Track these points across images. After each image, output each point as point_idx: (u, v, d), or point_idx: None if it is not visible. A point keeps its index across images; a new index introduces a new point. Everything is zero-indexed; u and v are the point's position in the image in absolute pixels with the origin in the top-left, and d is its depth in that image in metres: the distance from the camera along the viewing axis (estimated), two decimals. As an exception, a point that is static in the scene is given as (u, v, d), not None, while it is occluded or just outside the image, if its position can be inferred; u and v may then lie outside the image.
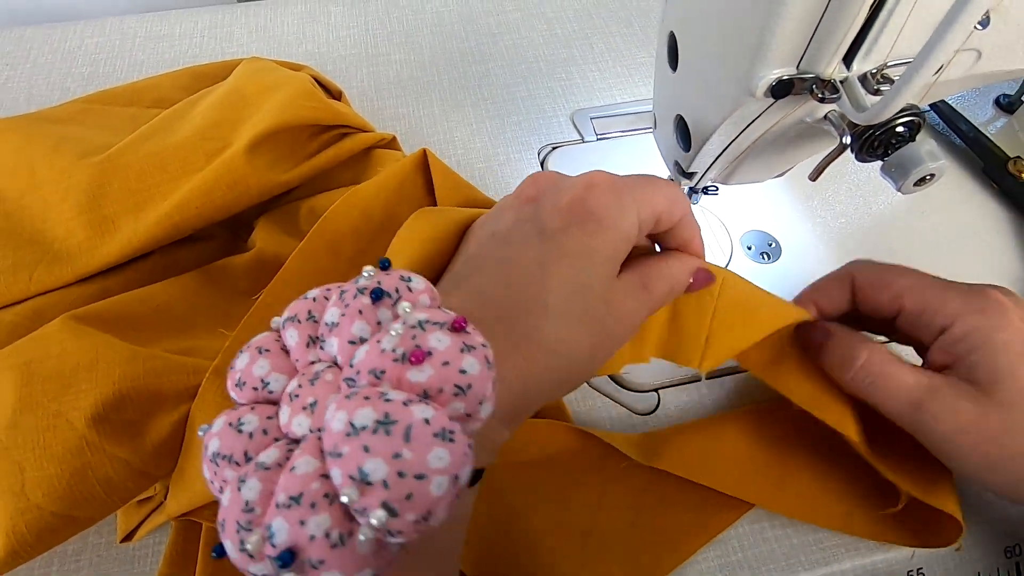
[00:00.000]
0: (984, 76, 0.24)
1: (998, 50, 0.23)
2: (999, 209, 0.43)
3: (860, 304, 0.28)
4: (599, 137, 0.46)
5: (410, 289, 0.18)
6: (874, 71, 0.22)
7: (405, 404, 0.15)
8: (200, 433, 0.18)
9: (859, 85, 0.22)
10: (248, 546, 0.15)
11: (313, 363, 0.18)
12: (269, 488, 0.15)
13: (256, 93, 0.37)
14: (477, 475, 0.20)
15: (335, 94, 0.44)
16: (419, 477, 0.15)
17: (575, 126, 0.47)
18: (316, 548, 0.14)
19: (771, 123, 0.25)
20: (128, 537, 0.29)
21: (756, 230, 0.41)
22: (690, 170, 0.31)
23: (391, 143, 0.42)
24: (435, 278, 0.25)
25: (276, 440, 0.17)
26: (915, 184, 0.24)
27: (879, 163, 0.25)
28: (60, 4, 0.58)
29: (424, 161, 0.35)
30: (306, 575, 0.14)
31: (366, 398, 0.15)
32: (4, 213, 0.32)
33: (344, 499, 0.14)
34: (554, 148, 0.46)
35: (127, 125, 0.38)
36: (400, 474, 0.14)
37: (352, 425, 0.15)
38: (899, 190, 0.24)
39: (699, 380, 0.35)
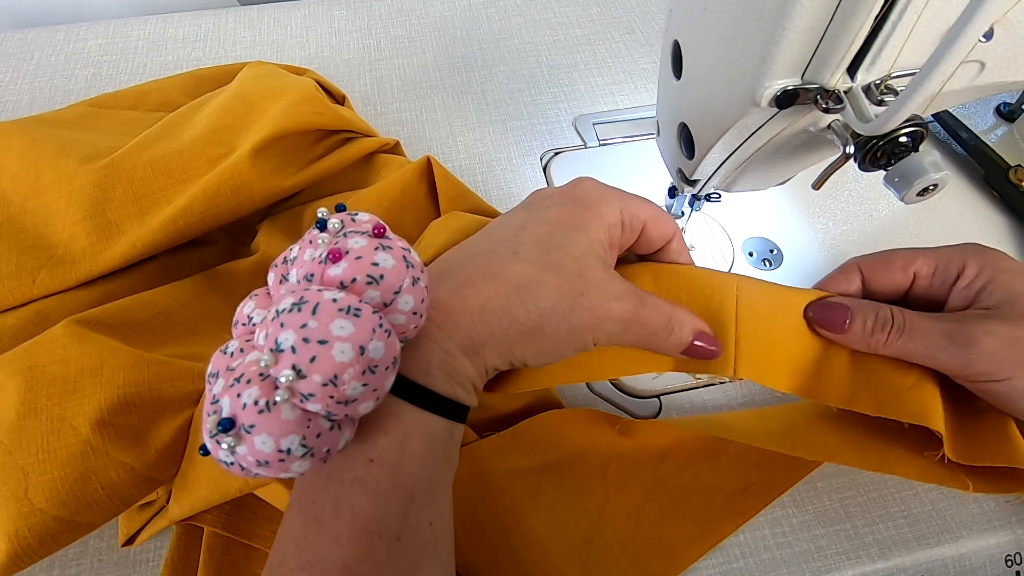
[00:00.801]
0: (987, 87, 0.24)
1: (1001, 62, 0.23)
2: (1000, 217, 0.43)
3: (872, 287, 0.28)
4: (602, 143, 0.46)
5: (353, 220, 0.21)
6: (878, 82, 0.22)
7: (319, 291, 0.18)
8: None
9: (863, 96, 0.22)
10: (208, 426, 0.18)
11: (283, 295, 0.21)
12: (228, 382, 0.18)
13: (260, 98, 0.37)
14: (457, 412, 0.22)
15: (338, 98, 0.45)
16: (322, 342, 0.17)
17: (578, 131, 0.47)
18: (247, 414, 0.17)
19: (775, 132, 0.26)
20: (130, 541, 0.29)
21: (758, 237, 0.42)
22: (693, 177, 0.31)
23: (394, 148, 0.42)
24: None
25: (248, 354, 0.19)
26: (918, 194, 0.24)
27: (881, 172, 0.25)
28: (63, 7, 0.59)
29: (427, 168, 0.35)
30: (243, 443, 0.17)
31: (291, 292, 0.19)
32: (8, 217, 0.32)
33: (262, 365, 0.17)
34: (557, 153, 0.46)
35: (131, 129, 0.38)
36: (305, 340, 0.17)
37: (276, 311, 0.18)
38: (902, 200, 0.24)
39: (700, 386, 0.36)
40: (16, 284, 0.31)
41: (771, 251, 0.41)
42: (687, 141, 0.30)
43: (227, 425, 0.17)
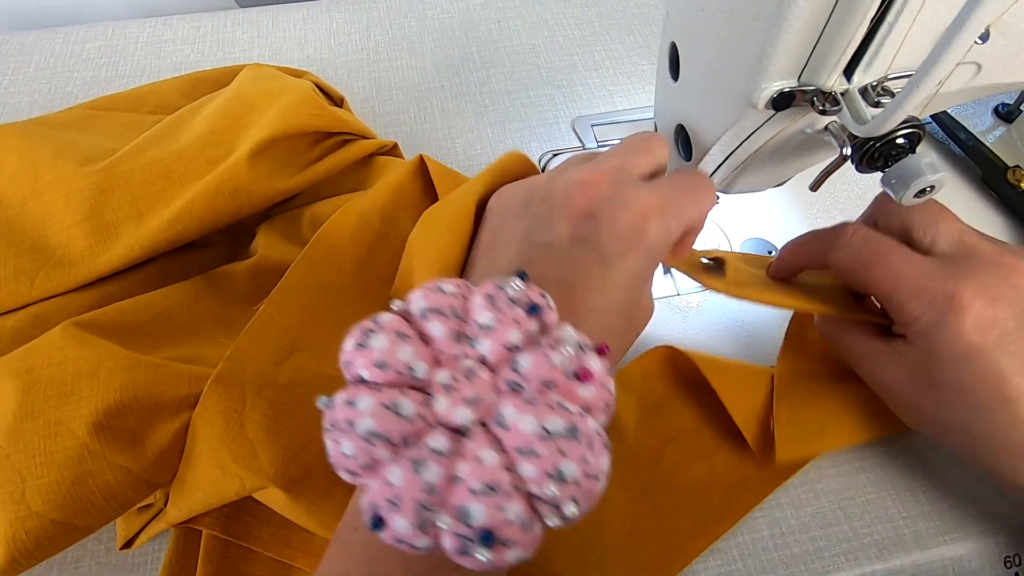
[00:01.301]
0: (983, 88, 0.24)
1: (997, 63, 0.23)
2: (998, 218, 0.43)
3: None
4: (600, 144, 0.46)
5: (550, 307, 0.20)
6: (875, 83, 0.22)
7: (582, 416, 0.18)
8: (321, 404, 0.19)
9: (860, 98, 0.22)
10: (440, 524, 0.17)
11: (458, 357, 0.20)
12: (448, 472, 0.17)
13: (258, 100, 0.37)
14: None
15: (337, 101, 0.45)
16: (595, 478, 0.18)
17: (576, 133, 0.47)
18: (511, 531, 0.17)
19: (772, 134, 0.26)
20: (128, 544, 0.29)
21: (756, 238, 0.42)
22: (691, 179, 0.31)
23: (393, 150, 0.42)
24: (461, 268, 0.28)
25: (430, 426, 0.18)
26: (915, 196, 0.24)
27: (879, 173, 0.25)
28: (62, 9, 0.59)
29: (421, 167, 0.35)
30: (495, 552, 0.17)
31: (550, 407, 0.18)
32: (6, 219, 0.32)
33: (547, 492, 0.17)
34: (555, 155, 0.46)
35: (129, 131, 0.38)
36: (586, 475, 0.17)
37: (545, 430, 0.17)
38: (899, 201, 0.24)
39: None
40: (14, 287, 0.31)
41: (769, 252, 0.41)
42: (685, 143, 0.30)
43: (487, 539, 0.17)
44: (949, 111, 0.47)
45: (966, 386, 0.25)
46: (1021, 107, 0.46)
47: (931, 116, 0.47)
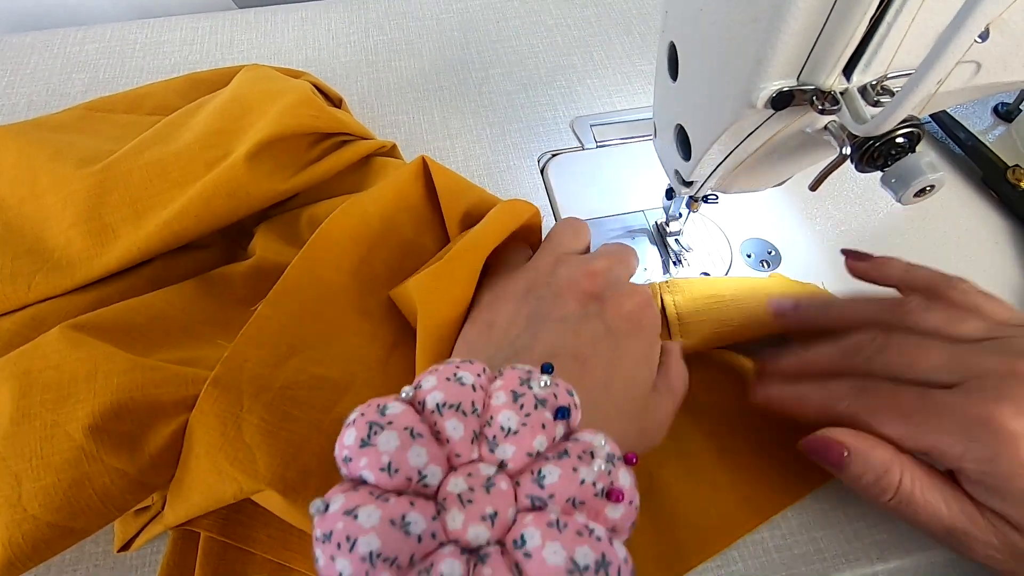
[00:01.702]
0: (983, 88, 0.24)
1: (997, 62, 0.23)
2: (998, 217, 0.43)
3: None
4: (599, 144, 0.46)
5: (576, 406, 0.19)
6: (874, 83, 0.22)
7: (611, 543, 0.16)
8: (313, 511, 0.17)
9: (859, 97, 0.22)
10: None
11: (475, 460, 0.18)
12: None
13: (256, 101, 0.37)
14: None
15: (335, 101, 0.45)
16: None
17: (575, 133, 0.47)
18: None
19: (771, 133, 0.26)
20: (126, 546, 0.29)
21: (756, 238, 0.41)
22: (690, 179, 0.31)
23: (391, 151, 0.42)
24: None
25: (442, 544, 0.16)
26: (915, 195, 0.24)
27: (879, 173, 0.25)
28: (60, 10, 0.59)
29: (423, 168, 0.35)
30: None
31: (579, 535, 0.16)
32: (3, 221, 0.32)
33: None
34: (554, 155, 0.46)
35: (127, 133, 0.38)
36: None
37: (575, 563, 0.15)
38: (899, 201, 0.24)
39: None
40: (11, 289, 0.30)
41: (769, 252, 0.41)
42: (684, 143, 0.30)
43: None
44: (948, 110, 0.47)
45: None
46: (1021, 106, 0.46)
47: (930, 115, 0.47)
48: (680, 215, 0.39)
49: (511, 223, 0.32)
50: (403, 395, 0.19)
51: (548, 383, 0.19)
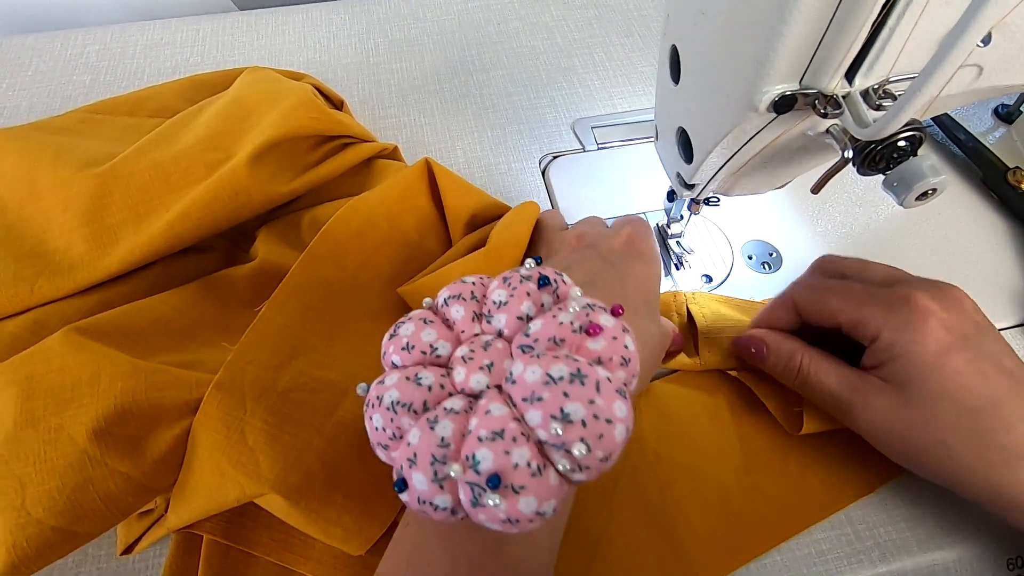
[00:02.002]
0: (984, 91, 0.24)
1: (999, 66, 0.23)
2: (998, 219, 0.43)
3: (805, 321, 0.31)
4: (600, 146, 0.46)
5: (564, 281, 0.21)
6: (876, 87, 0.22)
7: (590, 364, 0.18)
8: (360, 391, 0.20)
9: (861, 101, 0.22)
10: (450, 473, 0.17)
11: (478, 335, 0.21)
12: (461, 428, 0.18)
13: (258, 104, 0.37)
14: None
15: (336, 103, 0.45)
16: (608, 421, 0.17)
17: (576, 135, 0.47)
18: (519, 475, 0.17)
19: (773, 137, 0.26)
20: (128, 550, 0.29)
21: (757, 240, 0.42)
22: (692, 182, 0.31)
23: (393, 153, 0.42)
24: None
25: (451, 394, 0.19)
26: (917, 199, 0.24)
27: (880, 176, 0.25)
28: (61, 12, 0.59)
29: (426, 170, 0.35)
30: (506, 500, 0.17)
31: (556, 357, 0.18)
32: (5, 225, 0.32)
33: (551, 432, 0.17)
34: (555, 157, 0.46)
35: (128, 135, 0.38)
36: (595, 416, 0.17)
37: (550, 376, 0.18)
38: (901, 204, 0.24)
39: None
40: (14, 292, 0.30)
41: (770, 254, 0.41)
42: (685, 145, 0.30)
43: (495, 482, 0.17)
44: (949, 113, 0.47)
45: (942, 392, 0.26)
46: (1021, 108, 0.46)
47: (931, 118, 0.47)
48: (681, 217, 0.39)
49: (531, 222, 0.33)
50: (425, 304, 0.22)
51: (532, 264, 0.22)
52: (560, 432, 0.17)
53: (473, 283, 0.22)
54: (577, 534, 0.30)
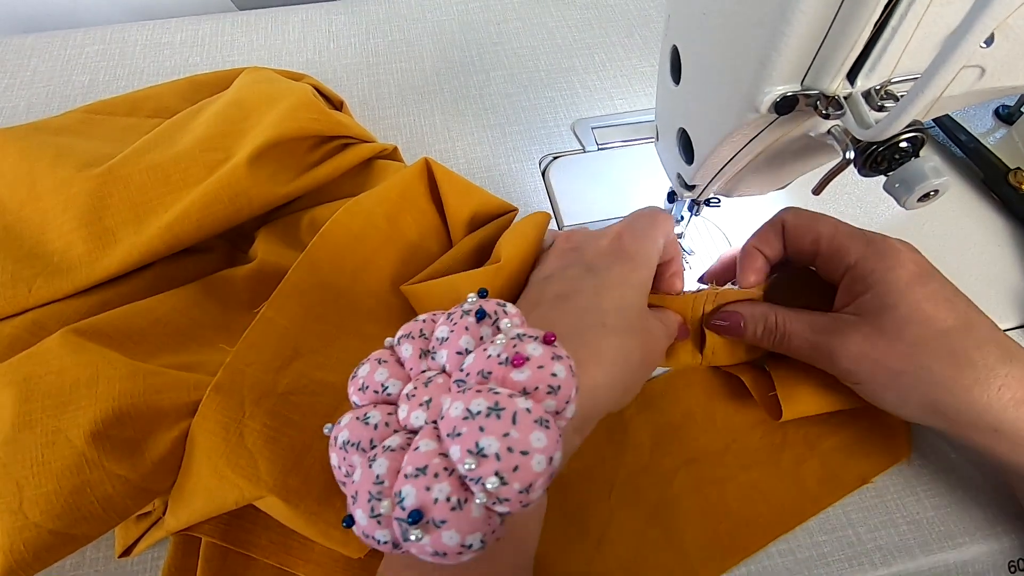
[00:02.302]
0: (987, 92, 0.24)
1: (1001, 67, 0.23)
2: (999, 220, 0.43)
3: (788, 248, 0.32)
4: (600, 147, 0.46)
5: (506, 312, 0.22)
6: (878, 87, 0.22)
7: (510, 396, 0.19)
8: (326, 431, 0.22)
9: (863, 102, 0.22)
10: (381, 510, 0.18)
11: (425, 371, 0.22)
12: (396, 465, 0.19)
13: (257, 104, 0.37)
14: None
15: (336, 104, 0.44)
16: (524, 453, 0.18)
17: (576, 136, 0.47)
18: (439, 510, 0.18)
19: (774, 138, 0.25)
20: (127, 552, 0.29)
21: (757, 241, 0.41)
22: (692, 183, 0.31)
23: (392, 154, 0.42)
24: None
25: (396, 432, 0.20)
26: (919, 200, 0.23)
27: (882, 177, 0.25)
28: (60, 12, 0.58)
29: (426, 170, 0.35)
30: (429, 534, 0.18)
31: (478, 391, 0.19)
32: (3, 225, 0.32)
33: (465, 467, 0.18)
34: (555, 158, 0.46)
35: (127, 135, 0.38)
36: (509, 449, 0.18)
37: (468, 411, 0.18)
38: (903, 206, 0.24)
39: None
40: (12, 293, 0.30)
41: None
42: (686, 146, 0.30)
43: (416, 517, 0.18)
44: (950, 113, 0.47)
45: (917, 317, 0.27)
46: (1022, 109, 0.46)
47: (932, 119, 0.47)
48: (682, 218, 0.39)
49: (541, 233, 0.32)
50: (386, 344, 0.24)
51: (474, 298, 0.22)
52: (474, 467, 0.18)
53: (424, 321, 0.23)
54: (578, 535, 0.30)
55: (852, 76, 0.22)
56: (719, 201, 0.35)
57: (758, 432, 0.33)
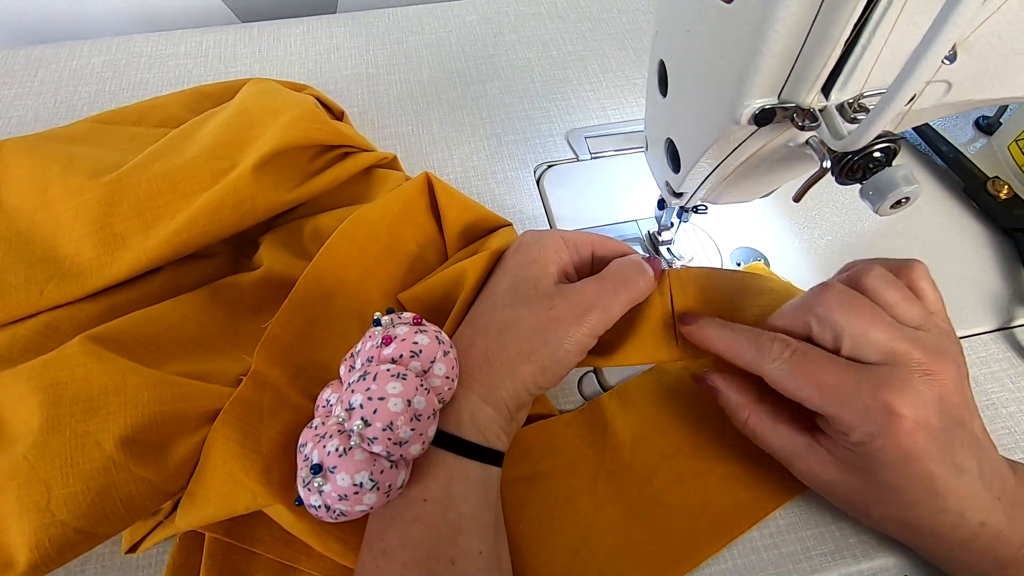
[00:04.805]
0: (955, 105, 0.25)
1: (966, 81, 0.24)
2: (978, 227, 0.44)
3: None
4: (593, 156, 0.48)
5: (400, 317, 0.28)
6: (851, 100, 0.23)
7: (378, 365, 0.25)
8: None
9: (837, 114, 0.23)
10: (302, 475, 0.24)
11: (351, 382, 0.26)
12: (316, 441, 0.25)
13: (262, 114, 0.38)
14: (490, 456, 0.27)
15: (337, 114, 0.46)
16: (381, 399, 0.24)
17: (570, 145, 0.48)
18: (331, 459, 0.24)
19: (755, 148, 0.27)
20: (133, 548, 0.29)
21: (745, 247, 0.43)
22: (680, 190, 0.32)
23: (392, 163, 0.43)
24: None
25: (325, 422, 0.26)
26: (891, 207, 0.25)
27: (859, 185, 0.26)
28: (66, 23, 0.60)
29: (427, 185, 0.36)
30: (328, 481, 0.23)
31: (359, 370, 0.25)
32: (16, 231, 0.33)
33: (341, 420, 0.24)
34: (549, 166, 0.47)
35: (135, 144, 0.39)
36: (369, 399, 0.24)
37: (349, 383, 0.25)
38: (876, 212, 0.25)
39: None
40: (25, 296, 0.31)
41: (758, 260, 0.42)
42: (673, 156, 0.31)
43: (316, 469, 0.24)
44: (931, 124, 0.48)
45: (902, 486, 0.26)
46: (1001, 120, 0.48)
47: (914, 129, 0.49)
48: (672, 225, 0.40)
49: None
50: (340, 371, 0.29)
51: (380, 315, 0.28)
52: (347, 419, 0.24)
53: (362, 342, 0.28)
54: (563, 531, 0.31)
55: (827, 90, 0.23)
56: (706, 208, 0.36)
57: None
